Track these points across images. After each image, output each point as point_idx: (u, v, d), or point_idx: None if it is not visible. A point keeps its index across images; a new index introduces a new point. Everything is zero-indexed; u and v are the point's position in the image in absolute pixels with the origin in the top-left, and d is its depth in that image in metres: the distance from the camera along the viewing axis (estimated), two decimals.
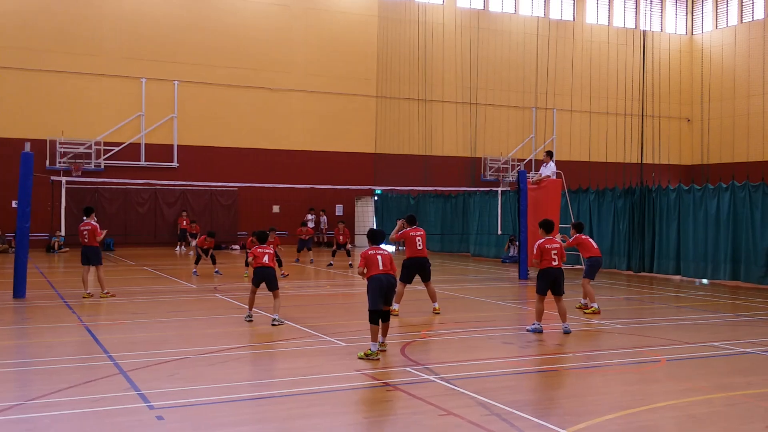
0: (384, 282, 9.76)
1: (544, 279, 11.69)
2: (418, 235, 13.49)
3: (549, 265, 11.62)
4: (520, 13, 41.58)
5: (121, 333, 11.61)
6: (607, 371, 9.24)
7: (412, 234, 13.49)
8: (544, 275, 11.70)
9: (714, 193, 19.90)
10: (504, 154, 40.44)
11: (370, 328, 9.74)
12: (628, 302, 16.19)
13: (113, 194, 32.68)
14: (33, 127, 31.24)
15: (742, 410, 7.51)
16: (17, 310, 14.12)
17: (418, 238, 13.45)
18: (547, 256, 11.62)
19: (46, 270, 22.48)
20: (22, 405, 7.42)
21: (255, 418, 7.16)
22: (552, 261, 11.62)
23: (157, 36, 33.68)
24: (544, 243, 11.72)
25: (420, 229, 13.68)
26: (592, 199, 24.01)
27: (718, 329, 12.41)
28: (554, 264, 11.62)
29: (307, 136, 36.29)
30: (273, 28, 35.65)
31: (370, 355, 9.52)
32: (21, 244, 15.66)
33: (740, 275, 19.10)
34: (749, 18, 42.34)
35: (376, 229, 10.51)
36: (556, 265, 11.65)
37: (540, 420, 6.95)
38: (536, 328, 11.62)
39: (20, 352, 10.38)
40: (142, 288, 17.80)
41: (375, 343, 9.68)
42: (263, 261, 12.51)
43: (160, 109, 33.76)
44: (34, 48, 31.72)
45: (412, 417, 7.15)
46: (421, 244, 13.46)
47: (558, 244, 11.84)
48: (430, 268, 13.67)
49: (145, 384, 8.23)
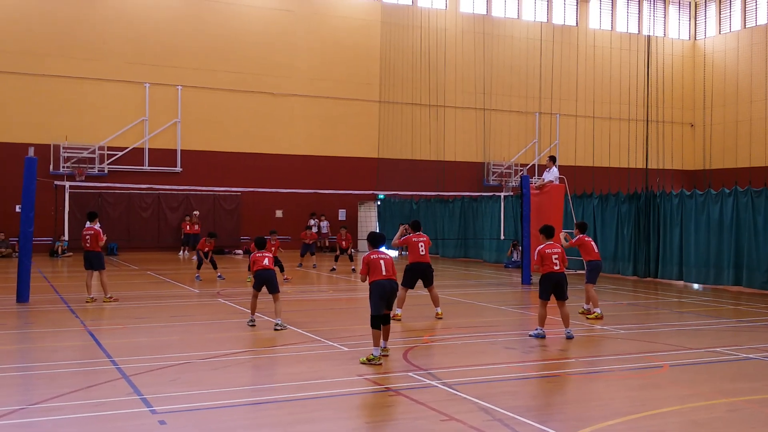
0: (387, 287, 9.82)
1: (546, 284, 11.70)
2: (420, 240, 13.56)
3: (551, 270, 11.65)
4: (524, 19, 41.62)
5: (123, 337, 11.63)
6: (610, 377, 9.23)
7: (414, 240, 13.56)
8: (546, 280, 11.71)
9: (717, 199, 19.88)
10: (507, 159, 40.44)
11: (373, 333, 9.74)
12: (631, 307, 16.16)
13: (117, 199, 32.73)
14: (37, 132, 31.32)
15: (744, 416, 7.50)
16: (20, 314, 14.15)
17: (420, 243, 13.52)
18: (548, 261, 11.65)
19: (49, 274, 22.52)
20: (25, 409, 7.44)
21: (257, 423, 7.16)
22: (554, 265, 11.64)
23: (160, 41, 33.77)
24: (544, 248, 11.76)
25: (423, 235, 13.74)
26: (595, 204, 24.00)
27: (720, 335, 12.39)
28: (556, 268, 11.65)
29: (310, 141, 36.32)
30: (276, 32, 35.72)
31: (372, 360, 9.54)
32: (24, 249, 15.68)
33: (743, 281, 19.06)
34: (752, 23, 42.32)
35: (376, 233, 10.58)
36: (558, 270, 11.67)
37: (542, 426, 6.94)
38: (539, 333, 11.62)
39: (23, 357, 10.40)
40: (145, 293, 17.82)
41: (377, 348, 9.68)
42: (263, 264, 12.61)
43: (163, 114, 33.83)
44: (37, 53, 31.82)
45: (413, 422, 7.15)
46: (424, 250, 13.53)
47: (559, 249, 11.87)
48: (432, 274, 13.71)
49: (148, 388, 8.24)
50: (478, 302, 16.51)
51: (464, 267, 27.33)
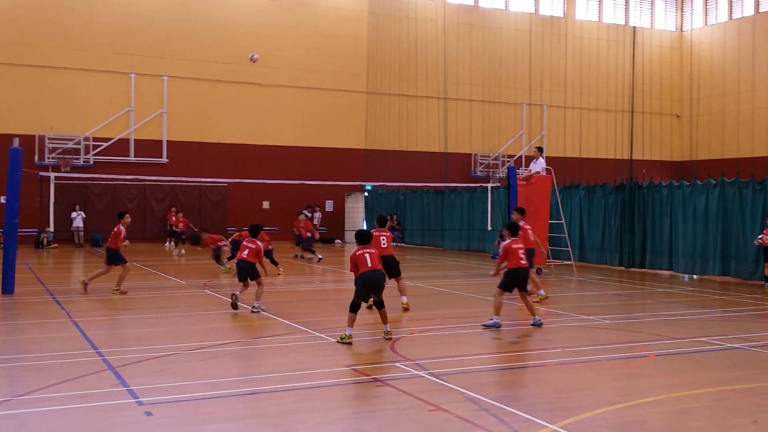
0: (371, 278, 10.51)
1: (511, 277, 11.81)
2: (382, 235, 13.64)
3: (518, 265, 11.78)
4: (511, 9, 41.60)
5: (110, 329, 11.59)
6: (596, 366, 9.28)
7: (375, 234, 13.35)
8: (513, 274, 11.81)
9: (703, 190, 19.98)
10: (494, 150, 40.49)
11: (348, 315, 10.40)
12: (617, 298, 16.25)
13: (102, 190, 32.54)
14: (21, 123, 31.08)
15: (729, 405, 7.55)
16: (5, 306, 14.07)
17: (382, 238, 13.56)
18: (515, 257, 11.79)
19: (34, 266, 22.39)
20: (10, 401, 7.40)
21: (245, 414, 7.16)
22: (520, 260, 11.81)
23: (146, 31, 33.53)
24: (510, 244, 11.92)
25: (385, 231, 13.92)
26: (582, 196, 24.08)
27: (706, 325, 12.47)
28: (522, 263, 11.82)
29: (298, 132, 36.22)
30: (263, 23, 35.54)
31: (344, 338, 10.24)
32: (9, 240, 15.61)
33: (730, 271, 19.20)
34: (739, 14, 42.46)
35: (363, 231, 11.32)
36: (524, 264, 11.86)
37: (528, 415, 6.97)
38: (495, 323, 11.63)
39: (9, 348, 10.33)
40: (131, 284, 17.72)
41: (350, 328, 10.34)
42: (242, 255, 13.16)
43: (149, 105, 33.63)
44: (22, 43, 31.53)
45: (401, 412, 7.16)
46: (386, 243, 13.62)
47: (522, 245, 12.06)
48: (398, 266, 13.70)
49: (134, 380, 8.21)
50: (465, 293, 16.54)
51: (450, 257, 27.35)
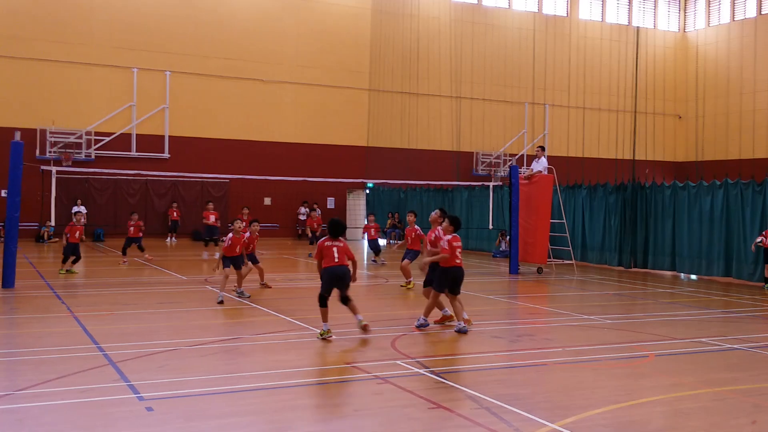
0: (337, 272, 10.51)
1: (446, 276, 11.20)
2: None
3: (454, 263, 11.18)
4: (514, 8, 41.57)
5: (110, 324, 11.58)
6: (596, 366, 9.28)
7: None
8: (448, 273, 11.19)
9: (708, 191, 19.98)
10: (496, 148, 40.47)
11: (320, 311, 10.45)
12: (618, 298, 16.24)
13: (103, 185, 32.56)
14: (23, 117, 31.08)
15: (728, 405, 7.55)
16: (6, 299, 14.07)
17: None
18: (453, 254, 11.17)
19: (35, 260, 22.39)
20: (11, 395, 7.40)
21: (245, 410, 7.15)
22: (456, 259, 11.20)
23: (149, 26, 33.51)
24: (452, 240, 11.22)
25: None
26: (584, 195, 24.06)
27: (707, 325, 12.46)
28: (458, 262, 11.23)
29: (299, 129, 36.21)
30: (265, 19, 35.52)
31: (323, 334, 10.29)
32: (10, 234, 15.61)
33: (732, 272, 19.22)
34: (741, 16, 42.43)
35: (338, 222, 10.82)
36: (459, 263, 11.27)
37: (529, 414, 6.97)
38: (422, 323, 11.41)
39: (9, 342, 10.34)
40: (132, 279, 17.75)
41: (326, 323, 10.38)
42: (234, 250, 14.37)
43: (151, 100, 33.62)
44: (25, 37, 31.52)
45: (402, 410, 7.16)
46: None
47: (459, 242, 11.35)
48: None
49: (135, 375, 8.21)
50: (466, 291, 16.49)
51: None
